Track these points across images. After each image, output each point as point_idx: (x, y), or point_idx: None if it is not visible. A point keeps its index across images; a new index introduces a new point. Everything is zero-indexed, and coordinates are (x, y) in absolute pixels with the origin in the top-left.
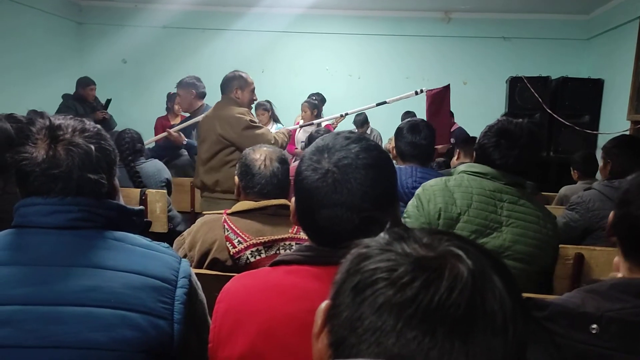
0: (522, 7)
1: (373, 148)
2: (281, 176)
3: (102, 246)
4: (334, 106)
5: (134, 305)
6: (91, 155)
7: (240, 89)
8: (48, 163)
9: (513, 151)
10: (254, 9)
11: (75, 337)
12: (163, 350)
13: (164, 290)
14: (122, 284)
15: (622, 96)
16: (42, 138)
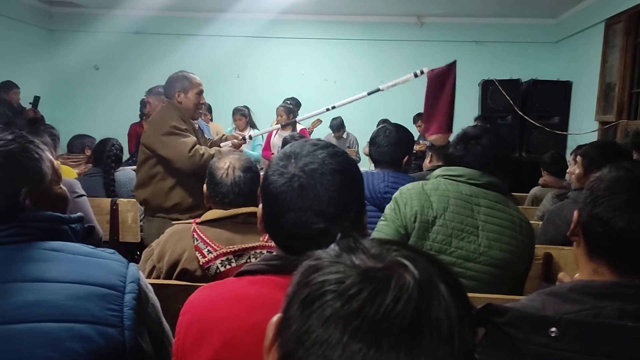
0: (493, 12)
1: (340, 154)
2: (244, 185)
3: (39, 258)
4: (310, 110)
5: (80, 316)
6: (3, 170)
7: (183, 91)
8: None
9: (475, 148)
10: (227, 14)
11: (24, 355)
12: (118, 359)
13: (111, 298)
14: (65, 295)
15: (590, 97)
16: None
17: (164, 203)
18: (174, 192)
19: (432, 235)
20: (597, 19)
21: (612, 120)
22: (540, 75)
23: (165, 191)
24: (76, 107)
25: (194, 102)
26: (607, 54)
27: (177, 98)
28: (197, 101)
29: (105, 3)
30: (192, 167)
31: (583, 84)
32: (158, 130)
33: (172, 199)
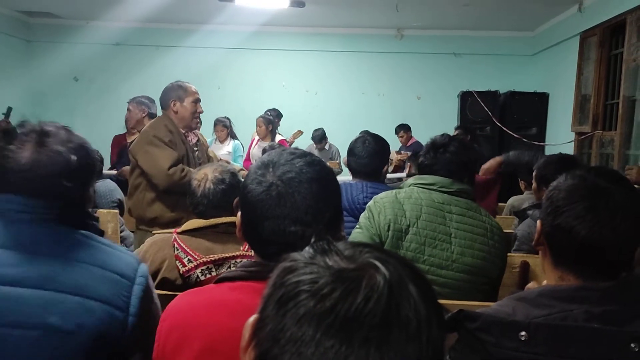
0: (471, 25)
1: (317, 163)
2: (213, 197)
3: (70, 240)
4: (291, 121)
5: (93, 293)
6: (70, 165)
7: (179, 100)
8: (30, 165)
9: (443, 156)
10: (208, 26)
11: (32, 319)
12: (115, 340)
13: (122, 285)
14: (83, 274)
15: (566, 109)
16: (30, 141)
17: (144, 215)
18: (155, 205)
19: (405, 243)
20: (573, 32)
21: (587, 131)
22: (518, 87)
23: (147, 202)
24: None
25: (191, 111)
26: (582, 66)
27: (172, 107)
28: (193, 110)
29: (85, 14)
30: (168, 184)
31: (560, 95)
32: (143, 139)
33: (152, 212)
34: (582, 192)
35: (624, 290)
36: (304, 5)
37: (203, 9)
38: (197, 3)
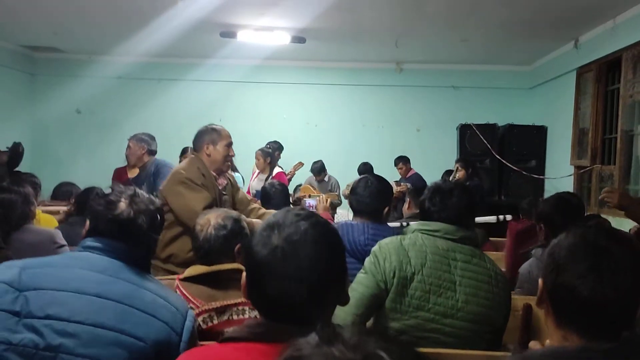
0: (469, 59)
1: (321, 224)
2: (214, 242)
3: (141, 275)
4: (292, 154)
5: (158, 315)
6: (156, 222)
7: (212, 143)
8: (127, 219)
9: (450, 201)
10: (210, 60)
11: (110, 322)
12: (169, 357)
13: (178, 317)
14: (151, 299)
15: (565, 142)
16: (125, 200)
17: (160, 252)
18: (174, 243)
19: (410, 291)
20: (569, 67)
21: (586, 165)
22: (516, 120)
23: (165, 241)
24: (57, 151)
25: (223, 154)
26: (579, 100)
27: (205, 150)
28: (225, 153)
29: (88, 49)
30: None
31: (558, 128)
32: (174, 180)
33: (169, 250)
34: (583, 251)
35: (626, 352)
36: (305, 41)
37: (205, 44)
38: (199, 38)
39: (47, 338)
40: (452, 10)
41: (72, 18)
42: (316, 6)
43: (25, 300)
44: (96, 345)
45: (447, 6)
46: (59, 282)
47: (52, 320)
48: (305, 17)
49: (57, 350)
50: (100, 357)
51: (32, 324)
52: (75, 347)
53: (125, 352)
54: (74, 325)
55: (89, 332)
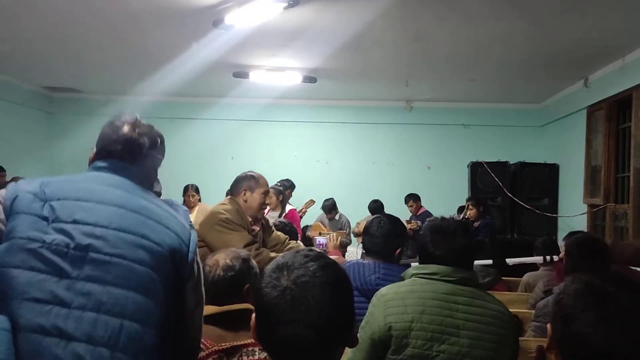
0: (479, 97)
1: (330, 266)
2: (221, 283)
3: (149, 193)
4: (303, 191)
5: (171, 226)
6: (157, 143)
7: (250, 190)
8: (130, 139)
9: (452, 243)
10: (223, 99)
11: (132, 228)
12: (181, 263)
13: (185, 230)
14: (164, 214)
15: (577, 180)
16: (128, 124)
17: None
18: None
19: (412, 340)
20: (580, 105)
21: (600, 204)
22: (528, 158)
23: None
24: None
25: (259, 202)
26: (591, 139)
27: (243, 196)
28: (262, 201)
29: (106, 89)
30: None
31: (570, 166)
32: (212, 220)
33: None
34: (591, 299)
35: None
36: (316, 80)
37: (219, 84)
38: (213, 78)
39: (76, 239)
40: (460, 52)
41: (91, 61)
42: (326, 47)
43: (51, 208)
44: (122, 247)
45: (454, 49)
46: (81, 193)
47: (79, 224)
48: (316, 58)
49: (87, 249)
50: (126, 256)
51: (61, 227)
52: (102, 247)
53: (147, 254)
54: (100, 229)
55: (114, 235)
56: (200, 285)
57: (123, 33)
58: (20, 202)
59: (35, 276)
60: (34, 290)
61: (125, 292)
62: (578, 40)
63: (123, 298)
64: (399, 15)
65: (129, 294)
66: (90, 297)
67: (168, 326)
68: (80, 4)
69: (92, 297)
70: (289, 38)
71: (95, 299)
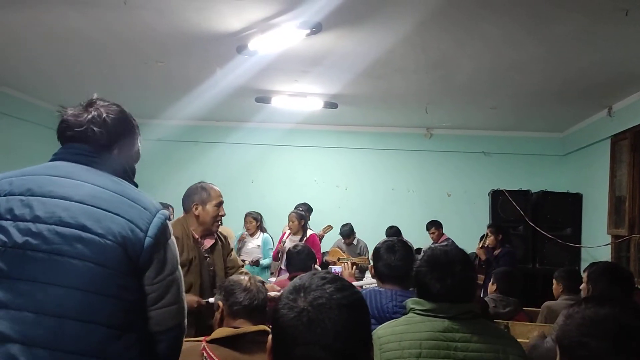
0: (500, 126)
1: (347, 288)
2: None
3: (109, 178)
4: (322, 216)
5: (121, 212)
6: (108, 126)
7: (201, 204)
8: (77, 123)
9: (448, 278)
10: (245, 124)
11: (73, 220)
12: (135, 252)
13: (145, 214)
14: (115, 199)
15: (601, 210)
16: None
17: None
18: None
19: None
20: (603, 135)
21: (624, 235)
22: (550, 187)
23: None
24: None
25: (212, 215)
26: (615, 168)
27: (194, 211)
28: (215, 214)
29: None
30: None
31: (593, 196)
32: None
33: None
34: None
35: None
36: (337, 106)
37: (241, 109)
38: (235, 103)
39: (13, 236)
40: (480, 80)
41: (115, 84)
42: (347, 73)
43: None
44: (59, 242)
45: (474, 76)
46: (26, 187)
47: (18, 221)
48: (337, 84)
49: (24, 247)
50: (64, 252)
51: (0, 225)
52: (39, 244)
53: (86, 248)
54: (37, 225)
55: (51, 231)
56: (165, 273)
57: (147, 58)
58: None
59: None
60: None
61: (65, 290)
62: (600, 68)
63: (63, 296)
64: (420, 43)
65: (70, 292)
66: (28, 297)
67: (132, 318)
68: (106, 29)
69: (30, 297)
70: (310, 64)
71: (33, 298)
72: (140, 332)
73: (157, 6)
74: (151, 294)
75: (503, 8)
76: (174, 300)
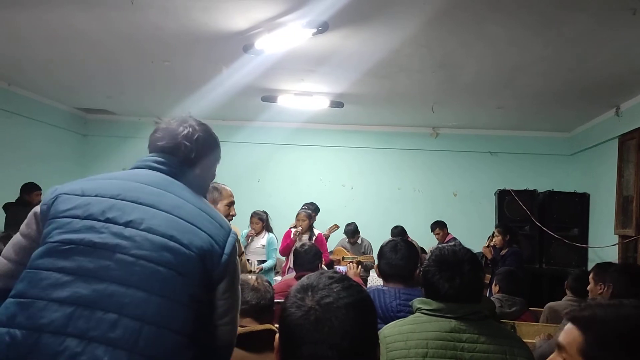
0: (506, 125)
1: (354, 288)
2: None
3: (192, 194)
4: (328, 216)
5: (202, 227)
6: (200, 141)
7: (213, 203)
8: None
9: (457, 279)
10: (251, 123)
11: (160, 229)
12: (212, 265)
13: (221, 231)
14: (197, 213)
15: (609, 210)
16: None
17: None
18: None
19: None
20: (611, 134)
21: (631, 235)
22: (557, 187)
23: None
24: None
25: (223, 214)
26: (622, 168)
27: None
28: (226, 213)
29: (138, 112)
30: None
31: (601, 196)
32: None
33: None
34: None
35: None
36: (343, 105)
37: (247, 108)
38: (241, 103)
39: (106, 238)
40: (487, 80)
41: (124, 83)
42: (353, 72)
43: (86, 204)
44: (148, 248)
45: (480, 76)
46: (117, 191)
47: (111, 223)
48: (343, 83)
49: (115, 250)
50: (151, 258)
51: (92, 225)
52: (130, 248)
53: (172, 256)
54: (129, 230)
55: (142, 236)
56: (233, 289)
57: (154, 57)
58: (59, 205)
59: (61, 278)
60: (59, 291)
61: (147, 294)
62: (608, 68)
63: (145, 300)
64: (426, 42)
65: (151, 297)
66: (112, 299)
67: (197, 329)
68: (112, 29)
69: (114, 298)
70: (317, 63)
71: (117, 300)
72: (203, 345)
73: (164, 5)
74: (219, 308)
75: (509, 9)
76: (234, 320)
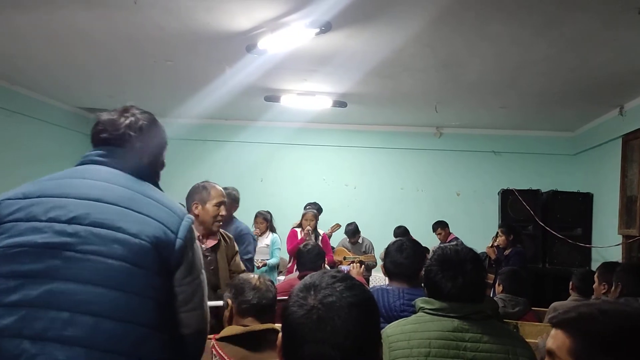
0: (510, 124)
1: (357, 287)
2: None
3: (141, 184)
4: (330, 215)
5: (153, 215)
6: (143, 129)
7: (202, 203)
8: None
9: (459, 278)
10: (254, 122)
11: (107, 222)
12: (167, 252)
13: (174, 217)
14: (147, 202)
15: (612, 210)
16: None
17: None
18: None
19: None
20: (614, 134)
21: (635, 235)
22: (560, 186)
23: None
24: None
25: (212, 215)
26: (626, 168)
27: (194, 211)
28: (215, 214)
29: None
30: None
31: (604, 196)
32: None
33: None
34: None
35: None
36: (346, 105)
37: (250, 108)
38: (244, 102)
39: (49, 238)
40: (490, 80)
41: (127, 82)
42: (356, 72)
43: (29, 206)
44: (96, 243)
45: (484, 76)
46: (60, 190)
47: (54, 222)
48: (346, 83)
49: (60, 248)
50: (100, 252)
51: (35, 226)
52: (76, 245)
53: (123, 248)
54: (73, 226)
55: (88, 231)
56: (195, 273)
57: (157, 57)
58: (2, 210)
59: (11, 282)
60: (11, 295)
61: (101, 289)
62: (612, 68)
63: (100, 295)
64: (429, 42)
65: (105, 291)
66: (64, 297)
67: (163, 319)
68: (115, 29)
69: (66, 296)
70: (320, 63)
71: (69, 298)
72: (170, 333)
73: (167, 5)
74: (180, 295)
75: (512, 9)
76: (200, 305)
